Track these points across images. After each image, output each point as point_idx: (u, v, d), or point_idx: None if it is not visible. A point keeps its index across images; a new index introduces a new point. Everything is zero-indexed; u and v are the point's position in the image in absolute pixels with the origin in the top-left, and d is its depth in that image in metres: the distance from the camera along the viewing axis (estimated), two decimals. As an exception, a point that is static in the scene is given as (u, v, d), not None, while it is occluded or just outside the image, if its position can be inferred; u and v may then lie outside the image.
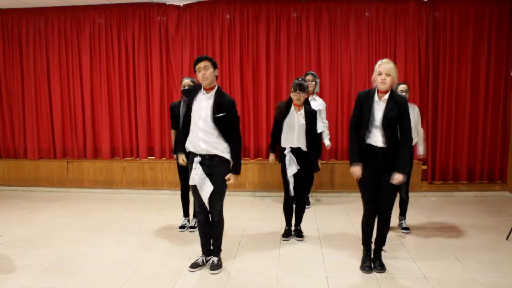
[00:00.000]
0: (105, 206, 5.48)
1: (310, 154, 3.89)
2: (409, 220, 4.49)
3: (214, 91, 3.27)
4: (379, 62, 3.23)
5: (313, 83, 4.93)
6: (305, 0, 5.79)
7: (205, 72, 3.19)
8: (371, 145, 3.23)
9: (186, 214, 4.53)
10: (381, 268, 3.35)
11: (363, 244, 3.44)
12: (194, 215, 4.45)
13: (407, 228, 4.26)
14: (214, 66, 3.25)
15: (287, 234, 4.12)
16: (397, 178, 3.15)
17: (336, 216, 4.91)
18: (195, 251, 3.76)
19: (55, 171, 6.36)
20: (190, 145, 3.35)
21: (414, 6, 5.67)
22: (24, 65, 6.33)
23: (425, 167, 5.85)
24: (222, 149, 3.28)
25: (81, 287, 3.17)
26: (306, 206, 5.00)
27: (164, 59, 6.12)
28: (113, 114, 6.28)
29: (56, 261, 3.62)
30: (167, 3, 6.00)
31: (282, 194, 4.07)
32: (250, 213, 5.07)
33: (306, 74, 5.00)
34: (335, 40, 5.86)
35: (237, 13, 5.92)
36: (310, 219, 4.70)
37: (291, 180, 3.88)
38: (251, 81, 5.97)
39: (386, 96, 3.19)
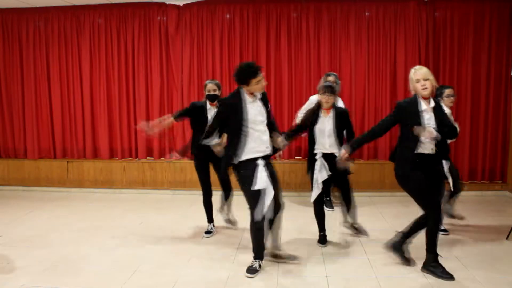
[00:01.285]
0: (105, 206, 5.48)
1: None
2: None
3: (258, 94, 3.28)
4: (412, 70, 3.12)
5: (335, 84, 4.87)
6: (305, 0, 5.79)
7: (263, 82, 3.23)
8: (422, 154, 3.15)
9: (210, 220, 4.33)
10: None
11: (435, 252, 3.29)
12: (210, 221, 4.33)
13: (445, 230, 4.21)
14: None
15: (322, 241, 3.94)
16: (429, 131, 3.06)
17: (337, 216, 4.90)
18: (195, 251, 3.76)
19: (55, 171, 6.36)
20: (251, 154, 3.21)
21: (414, 6, 5.67)
22: (24, 65, 6.34)
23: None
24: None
25: (81, 287, 3.17)
26: (329, 210, 4.99)
27: (164, 59, 6.12)
28: (113, 114, 6.28)
29: (56, 261, 3.62)
30: (167, 3, 6.00)
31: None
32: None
33: (328, 75, 4.85)
34: (335, 40, 5.86)
35: (237, 13, 5.92)
36: (311, 219, 4.68)
37: (320, 186, 3.75)
38: (251, 81, 5.97)
39: (433, 103, 3.11)
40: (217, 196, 4.31)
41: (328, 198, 5.16)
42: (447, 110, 3.98)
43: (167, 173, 6.14)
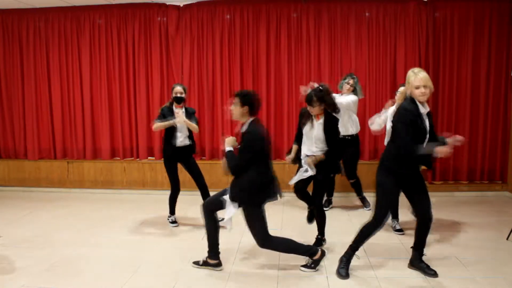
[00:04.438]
0: (105, 207, 5.49)
1: (328, 157, 3.71)
2: (409, 221, 4.48)
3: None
4: (412, 74, 3.04)
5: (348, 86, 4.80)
6: (306, 1, 5.79)
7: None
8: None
9: (173, 212, 4.71)
10: (434, 272, 3.24)
11: (355, 249, 3.37)
12: (172, 213, 4.68)
13: (400, 230, 4.25)
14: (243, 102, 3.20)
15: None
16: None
17: (336, 216, 4.91)
18: (195, 251, 3.75)
19: (55, 171, 6.36)
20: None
21: (414, 6, 5.67)
22: (25, 66, 6.34)
23: (425, 167, 5.84)
24: None
25: (82, 287, 3.17)
26: (324, 208, 4.98)
27: (164, 60, 6.12)
28: (113, 114, 6.29)
29: (56, 262, 3.63)
30: (167, 3, 6.01)
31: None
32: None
33: (346, 78, 4.87)
34: (335, 40, 5.86)
35: (237, 13, 5.92)
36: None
37: (295, 179, 3.81)
38: (251, 81, 5.98)
39: (427, 108, 3.12)
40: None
41: (326, 198, 5.16)
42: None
43: (167, 173, 6.13)
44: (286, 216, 4.90)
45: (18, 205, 5.59)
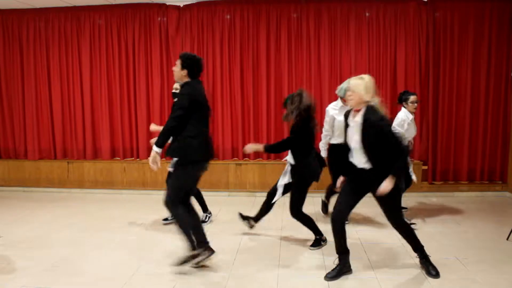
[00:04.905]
0: (105, 207, 5.49)
1: (297, 167, 3.74)
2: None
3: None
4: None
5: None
6: (306, 1, 5.79)
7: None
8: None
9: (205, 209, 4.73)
10: (436, 273, 3.22)
11: (337, 251, 3.35)
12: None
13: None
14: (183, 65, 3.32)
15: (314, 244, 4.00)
16: (384, 187, 2.97)
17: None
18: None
19: (55, 171, 6.36)
20: None
21: (414, 6, 5.67)
22: (25, 66, 6.34)
23: (425, 167, 5.85)
24: None
25: (81, 287, 3.17)
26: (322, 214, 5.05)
27: (164, 60, 6.12)
28: (113, 114, 6.29)
29: (56, 262, 3.63)
30: (167, 3, 6.01)
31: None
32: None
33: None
34: (335, 40, 5.86)
35: (237, 14, 5.92)
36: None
37: (279, 190, 3.89)
38: (251, 81, 5.98)
39: (359, 118, 3.08)
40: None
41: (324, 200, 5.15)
42: (410, 116, 4.24)
43: (168, 173, 6.13)
44: (287, 217, 4.89)
45: (18, 205, 5.59)
